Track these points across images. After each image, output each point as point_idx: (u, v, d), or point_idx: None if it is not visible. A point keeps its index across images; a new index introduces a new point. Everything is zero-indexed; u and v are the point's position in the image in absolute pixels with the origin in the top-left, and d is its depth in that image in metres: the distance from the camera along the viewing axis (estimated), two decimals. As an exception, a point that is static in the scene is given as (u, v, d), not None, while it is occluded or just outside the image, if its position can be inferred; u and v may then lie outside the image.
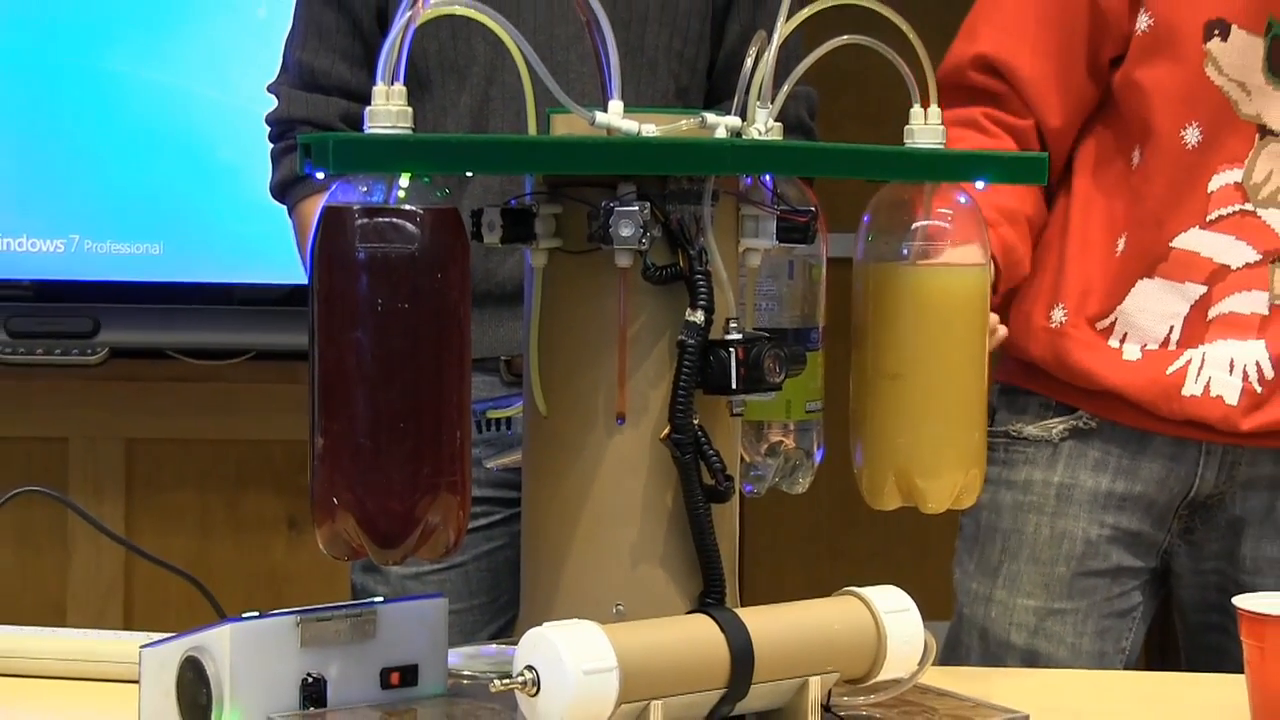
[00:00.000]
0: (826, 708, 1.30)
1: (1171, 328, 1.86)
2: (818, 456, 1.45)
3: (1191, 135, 1.83)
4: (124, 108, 3.03)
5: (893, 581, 1.35)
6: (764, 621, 1.26)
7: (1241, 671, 1.40)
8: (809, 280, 1.43)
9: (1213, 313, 1.85)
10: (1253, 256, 1.84)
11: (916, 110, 1.41)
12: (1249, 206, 1.83)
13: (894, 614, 1.32)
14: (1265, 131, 1.83)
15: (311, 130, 1.98)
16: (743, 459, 1.41)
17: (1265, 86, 1.82)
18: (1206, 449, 1.88)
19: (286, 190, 2.01)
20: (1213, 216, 1.84)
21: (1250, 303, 1.84)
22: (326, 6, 1.98)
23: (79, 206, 3.04)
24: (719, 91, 1.98)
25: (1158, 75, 1.84)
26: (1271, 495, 1.90)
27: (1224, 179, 1.83)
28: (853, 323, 1.45)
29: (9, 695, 1.53)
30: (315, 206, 1.26)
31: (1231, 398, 1.84)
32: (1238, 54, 1.81)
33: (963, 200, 1.43)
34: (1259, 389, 1.84)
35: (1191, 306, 1.85)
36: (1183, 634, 2.00)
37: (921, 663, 1.33)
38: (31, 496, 1.64)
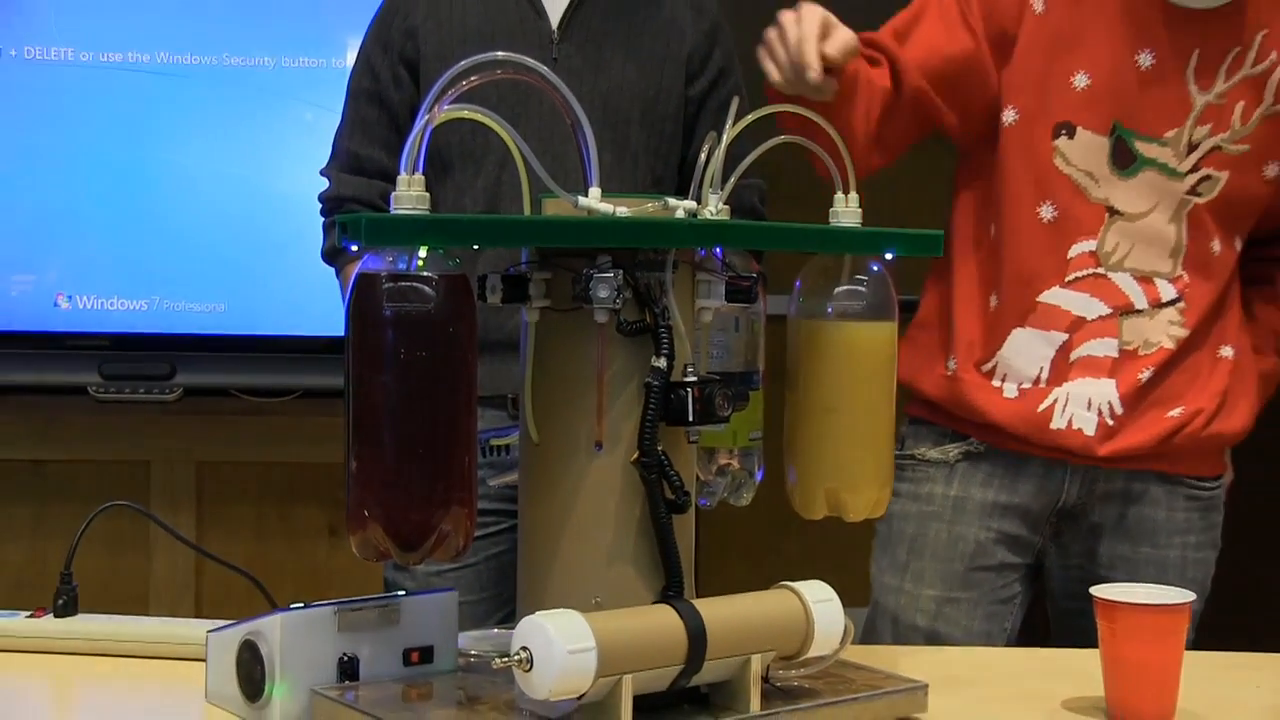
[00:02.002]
0: (765, 679, 1.30)
1: (1041, 369, 1.87)
2: (758, 476, 1.45)
3: (1047, 212, 1.85)
4: (196, 193, 3.03)
5: (818, 577, 1.35)
6: (715, 610, 1.26)
7: (1097, 647, 1.40)
8: (752, 333, 1.43)
9: (1074, 356, 1.86)
10: (1104, 310, 1.85)
11: (840, 196, 1.42)
12: (1101, 270, 1.85)
13: (820, 603, 1.32)
14: (1113, 212, 1.85)
15: (358, 207, 1.99)
16: (698, 478, 1.41)
17: (1111, 176, 1.84)
18: (1071, 469, 1.90)
19: (335, 257, 2.01)
20: (1071, 278, 1.86)
21: (1104, 348, 1.86)
22: (370, 105, 1.99)
23: (159, 272, 3.03)
24: (689, 181, 1.98)
25: (1018, 162, 1.86)
26: (1123, 506, 1.91)
27: (1081, 248, 1.85)
28: (787, 367, 1.45)
29: (101, 671, 1.52)
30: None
31: (1089, 430, 1.86)
32: (1083, 150, 1.83)
33: (875, 268, 1.44)
34: (1111, 422, 1.86)
35: (1056, 350, 1.86)
36: (1052, 616, 2.01)
37: (842, 642, 1.33)
38: (119, 510, 1.63)
